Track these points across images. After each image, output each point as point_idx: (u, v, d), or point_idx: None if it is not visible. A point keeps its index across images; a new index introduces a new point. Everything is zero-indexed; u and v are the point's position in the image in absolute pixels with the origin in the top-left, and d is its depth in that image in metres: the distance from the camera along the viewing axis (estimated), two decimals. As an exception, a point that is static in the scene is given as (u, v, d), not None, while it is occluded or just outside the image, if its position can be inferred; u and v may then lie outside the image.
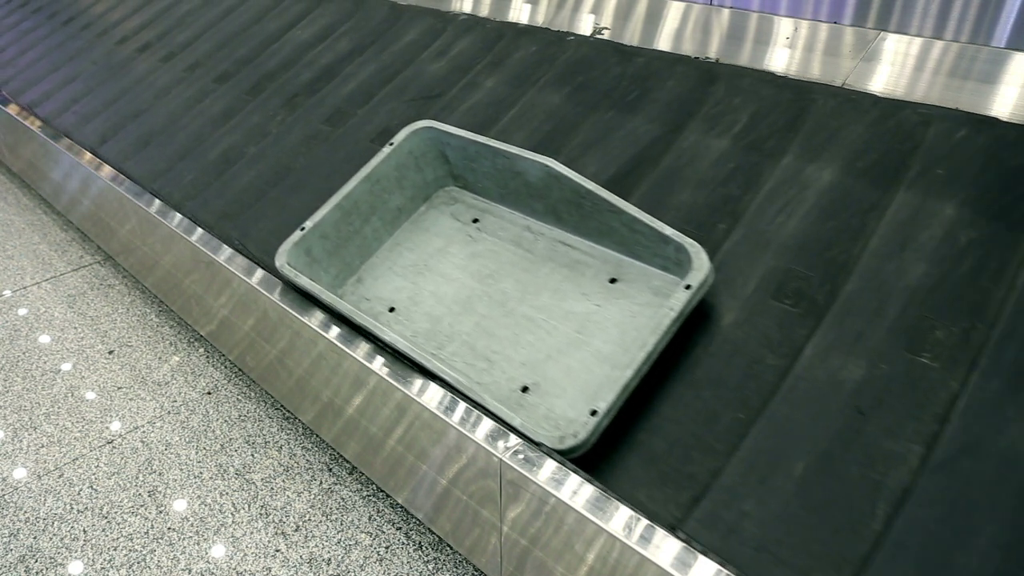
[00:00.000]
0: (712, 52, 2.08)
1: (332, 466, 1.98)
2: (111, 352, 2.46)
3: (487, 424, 1.40)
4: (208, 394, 2.26)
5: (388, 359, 1.56)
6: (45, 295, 2.79)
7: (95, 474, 2.01)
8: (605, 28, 2.28)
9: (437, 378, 1.45)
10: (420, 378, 1.51)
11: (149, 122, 2.76)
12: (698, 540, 1.19)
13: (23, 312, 2.70)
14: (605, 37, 2.26)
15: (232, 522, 1.85)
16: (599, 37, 2.26)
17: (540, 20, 2.45)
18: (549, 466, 1.29)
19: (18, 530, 1.87)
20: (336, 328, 1.68)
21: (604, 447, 1.36)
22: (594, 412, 1.28)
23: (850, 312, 1.42)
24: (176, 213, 2.24)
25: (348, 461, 2.00)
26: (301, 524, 1.83)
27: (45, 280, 2.87)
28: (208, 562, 1.75)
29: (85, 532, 1.85)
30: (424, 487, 1.63)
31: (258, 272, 1.91)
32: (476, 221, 1.83)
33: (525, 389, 1.48)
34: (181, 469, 2.01)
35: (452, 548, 1.75)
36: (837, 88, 1.81)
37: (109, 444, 2.10)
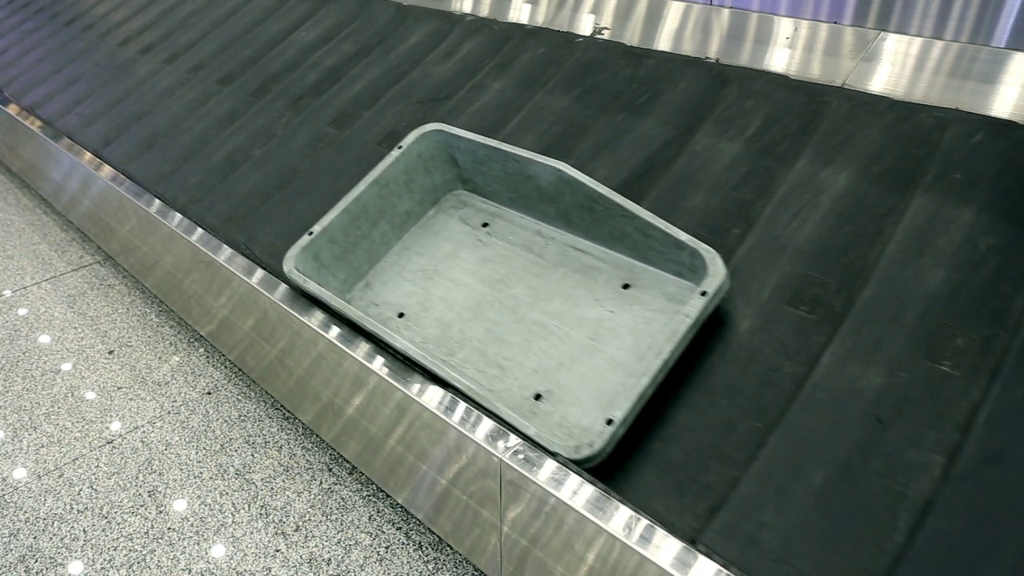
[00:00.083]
0: (712, 52, 2.07)
1: (332, 466, 1.98)
2: (111, 352, 2.45)
3: (487, 424, 1.39)
4: (208, 394, 2.25)
5: (397, 364, 1.55)
6: (45, 295, 2.77)
7: (95, 474, 2.01)
8: (605, 28, 2.27)
9: (449, 386, 1.43)
10: (420, 379, 1.50)
11: (152, 124, 2.74)
12: (717, 551, 1.17)
13: (23, 312, 2.69)
14: (605, 37, 2.25)
15: (232, 522, 1.85)
16: (599, 37, 2.24)
17: (540, 20, 2.43)
18: (549, 466, 1.28)
19: (18, 530, 1.86)
20: (336, 328, 1.67)
21: (619, 456, 1.34)
22: (610, 421, 1.26)
23: (868, 319, 1.40)
24: (176, 213, 2.23)
25: (348, 461, 1.99)
26: (301, 524, 1.83)
27: (45, 280, 2.86)
28: (208, 562, 1.75)
29: (85, 532, 1.85)
30: (424, 487, 1.62)
31: (258, 272, 1.90)
32: (486, 225, 1.81)
33: (538, 397, 1.46)
34: (181, 469, 2.01)
35: (452, 548, 1.74)
36: (851, 91, 1.80)
37: (109, 444, 2.10)
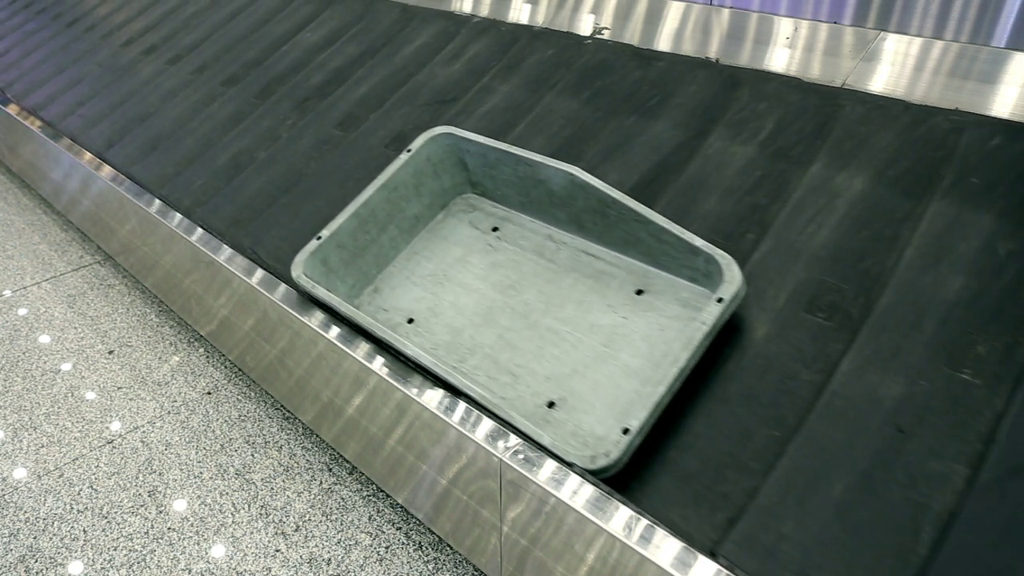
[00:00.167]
0: (712, 52, 2.06)
1: (332, 466, 1.97)
2: (111, 352, 2.45)
3: (487, 424, 1.38)
4: (208, 394, 2.25)
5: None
6: (45, 295, 2.76)
7: (95, 474, 2.00)
8: (605, 28, 2.25)
9: (462, 394, 1.41)
10: (420, 379, 1.49)
11: (156, 126, 2.71)
12: (738, 564, 1.15)
13: (23, 312, 2.68)
14: (605, 37, 2.23)
15: (232, 522, 1.84)
16: (599, 37, 2.23)
17: (540, 20, 2.41)
18: (549, 466, 1.27)
19: (18, 530, 1.86)
20: (336, 328, 1.65)
21: (634, 465, 1.32)
22: (626, 430, 1.24)
23: (886, 326, 1.37)
24: (176, 213, 2.22)
25: (348, 461, 1.98)
26: (301, 524, 1.82)
27: (45, 280, 2.85)
28: (208, 562, 1.75)
29: (85, 532, 1.84)
30: (424, 487, 1.61)
31: (258, 272, 1.89)
32: (496, 230, 1.79)
33: (551, 404, 1.44)
34: (181, 469, 2.00)
35: (452, 548, 1.74)
36: (864, 93, 1.78)
37: (109, 444, 2.09)
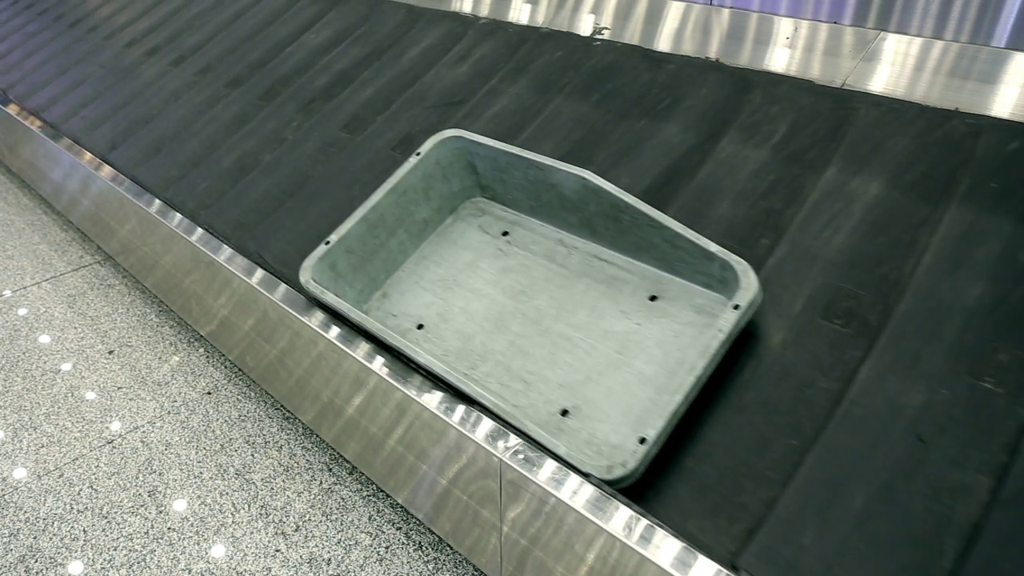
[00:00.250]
0: (712, 52, 2.05)
1: (332, 466, 1.97)
2: (111, 352, 2.44)
3: (487, 424, 1.37)
4: (208, 394, 2.24)
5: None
6: (45, 295, 2.75)
7: (95, 474, 2.00)
8: (605, 28, 2.24)
9: (475, 402, 1.39)
10: (419, 379, 1.48)
11: (160, 128, 2.69)
12: (758, 578, 1.13)
13: (23, 312, 2.67)
14: (605, 37, 2.22)
15: (232, 522, 1.84)
16: (599, 37, 2.21)
17: (540, 20, 2.40)
18: (549, 466, 1.26)
19: (18, 530, 1.85)
20: (336, 328, 1.64)
21: (650, 475, 1.30)
22: (643, 440, 1.22)
23: (905, 333, 1.35)
24: (176, 213, 2.20)
25: (348, 461, 1.97)
26: (301, 524, 1.81)
27: (45, 280, 2.84)
28: (208, 562, 1.74)
29: (85, 532, 1.84)
30: (424, 487, 1.61)
31: (258, 272, 1.88)
32: (506, 234, 1.76)
33: (565, 412, 1.41)
34: (181, 469, 1.99)
35: (452, 548, 1.73)
36: (879, 96, 1.76)
37: (109, 444, 2.09)
